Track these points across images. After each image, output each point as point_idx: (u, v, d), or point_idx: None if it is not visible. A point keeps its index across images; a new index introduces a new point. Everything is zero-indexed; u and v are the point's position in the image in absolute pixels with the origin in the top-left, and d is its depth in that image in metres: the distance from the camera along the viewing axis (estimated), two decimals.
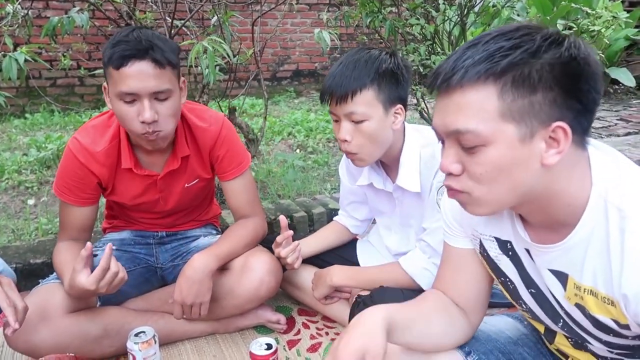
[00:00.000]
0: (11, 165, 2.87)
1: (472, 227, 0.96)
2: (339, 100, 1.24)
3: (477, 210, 0.80)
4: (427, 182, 1.34)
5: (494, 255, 0.93)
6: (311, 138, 3.51)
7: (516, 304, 0.96)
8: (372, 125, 1.24)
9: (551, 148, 0.72)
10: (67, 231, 1.41)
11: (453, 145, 0.77)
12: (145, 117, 1.21)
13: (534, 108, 0.71)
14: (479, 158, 0.74)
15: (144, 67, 1.19)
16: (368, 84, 1.22)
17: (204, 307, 1.33)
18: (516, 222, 0.86)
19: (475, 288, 1.00)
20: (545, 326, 0.95)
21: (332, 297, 1.52)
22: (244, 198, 1.51)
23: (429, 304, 1.01)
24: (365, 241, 1.66)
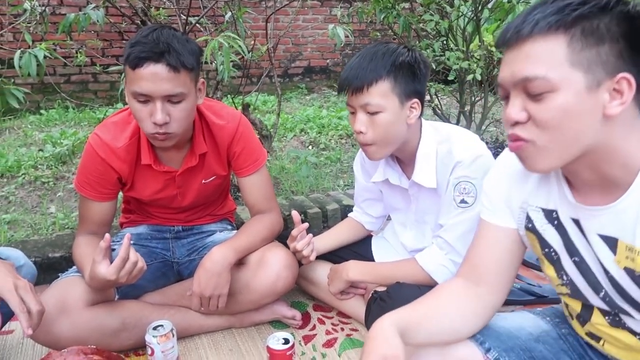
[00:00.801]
0: (27, 160, 2.91)
1: (521, 199, 0.97)
2: (355, 91, 1.25)
3: (539, 163, 0.81)
4: (443, 179, 1.34)
5: (539, 226, 0.95)
6: (323, 135, 3.51)
7: (558, 277, 0.96)
8: (386, 117, 1.25)
9: (614, 99, 0.75)
10: (87, 225, 1.43)
11: (519, 94, 0.79)
12: (157, 119, 1.22)
13: (601, 58, 0.74)
14: (546, 104, 0.76)
15: (158, 70, 1.19)
16: (384, 75, 1.23)
17: (222, 299, 1.34)
18: (563, 186, 0.88)
19: (504, 267, 1.01)
20: (583, 302, 0.94)
21: (347, 292, 1.53)
22: (260, 194, 1.52)
23: (442, 298, 1.02)
24: (380, 237, 1.66)
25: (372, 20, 3.29)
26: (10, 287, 1.05)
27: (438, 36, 2.78)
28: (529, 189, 0.96)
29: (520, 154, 0.83)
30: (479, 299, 1.01)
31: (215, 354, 1.41)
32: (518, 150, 0.82)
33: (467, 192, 1.30)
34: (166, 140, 1.28)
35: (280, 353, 1.17)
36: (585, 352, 1.03)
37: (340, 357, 1.39)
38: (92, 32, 4.03)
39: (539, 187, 0.94)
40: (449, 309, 1.00)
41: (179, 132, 1.29)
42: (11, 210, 2.45)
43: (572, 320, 1.02)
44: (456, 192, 1.31)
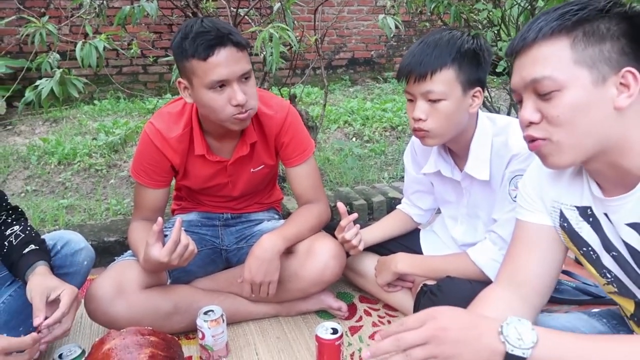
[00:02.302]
0: (82, 148, 3.03)
1: (553, 198, 0.97)
2: (417, 78, 1.22)
3: (558, 159, 0.83)
4: (498, 172, 1.30)
5: (575, 224, 0.94)
6: (367, 127, 3.48)
7: (601, 276, 0.94)
8: (449, 106, 1.22)
9: (622, 93, 0.78)
10: (141, 211, 1.47)
11: (530, 96, 0.83)
12: (239, 100, 1.25)
13: (604, 55, 0.78)
14: (555, 102, 0.80)
15: (229, 53, 1.23)
16: (449, 63, 1.20)
17: (272, 286, 1.35)
18: (591, 183, 0.89)
19: (545, 267, 0.98)
20: (635, 300, 0.91)
21: (395, 285, 1.51)
22: (308, 184, 1.52)
23: (486, 307, 0.98)
24: (429, 231, 1.63)
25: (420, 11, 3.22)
26: (39, 294, 1.14)
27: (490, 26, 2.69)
28: (561, 187, 0.96)
29: (539, 152, 0.85)
30: (523, 302, 0.97)
31: (263, 340, 1.43)
32: (537, 150, 0.85)
33: None
34: (247, 118, 1.31)
35: (329, 342, 1.17)
36: None
37: None
38: (143, 24, 4.14)
39: (571, 185, 0.94)
40: (498, 311, 0.96)
41: (256, 108, 1.32)
42: (68, 195, 2.57)
43: (628, 320, 0.97)
44: (512, 186, 1.27)
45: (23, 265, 1.20)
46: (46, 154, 3.00)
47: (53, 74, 1.77)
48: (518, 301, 0.97)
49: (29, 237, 1.26)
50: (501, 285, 1.02)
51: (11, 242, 1.25)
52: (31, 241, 1.25)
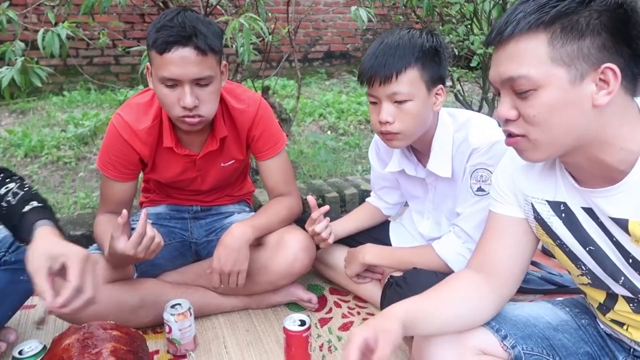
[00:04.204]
0: (50, 141, 2.96)
1: (524, 192, 0.97)
2: (382, 81, 1.20)
3: (534, 155, 0.84)
4: (460, 167, 1.32)
5: (546, 218, 0.95)
6: (342, 120, 3.48)
7: (576, 267, 0.96)
8: (415, 106, 1.22)
9: (601, 89, 0.76)
10: (107, 204, 1.44)
11: (508, 93, 0.82)
12: (186, 103, 1.22)
13: (583, 52, 0.75)
14: (532, 102, 0.79)
15: (186, 54, 1.19)
16: (413, 62, 1.20)
17: (242, 275, 1.34)
18: (568, 177, 0.89)
19: (514, 258, 1.00)
20: (606, 291, 0.93)
21: (364, 277, 1.52)
22: (280, 177, 1.51)
23: (454, 288, 1.01)
24: (398, 223, 1.64)
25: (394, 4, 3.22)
26: (38, 268, 0.93)
27: (462, 20, 2.71)
28: (532, 181, 0.96)
29: (516, 147, 0.85)
30: (491, 289, 0.99)
31: (232, 333, 1.43)
32: (514, 145, 0.85)
33: (484, 180, 1.27)
34: (197, 124, 1.28)
35: (297, 334, 1.18)
36: (605, 343, 1.01)
37: None
38: (114, 14, 4.05)
39: (542, 179, 0.95)
40: (462, 298, 0.99)
41: (209, 115, 1.29)
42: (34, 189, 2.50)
43: (594, 309, 1.00)
44: (473, 179, 1.29)
45: (25, 227, 1.02)
46: (12, 146, 2.92)
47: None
48: (486, 287, 0.99)
49: (29, 195, 1.10)
50: (470, 271, 1.04)
51: (9, 201, 1.08)
52: (32, 199, 1.09)
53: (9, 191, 1.09)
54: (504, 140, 1.25)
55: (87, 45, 4.23)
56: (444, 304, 0.98)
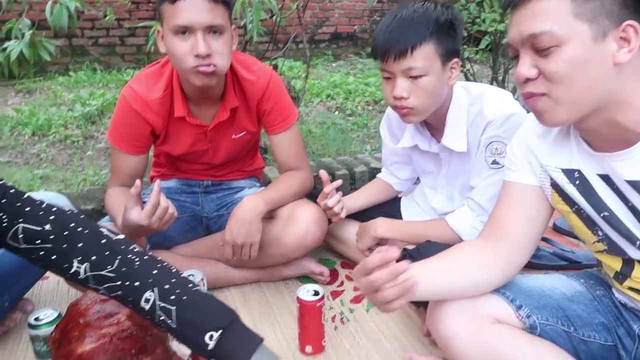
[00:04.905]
0: (58, 120, 2.95)
1: (540, 159, 0.97)
2: (397, 56, 1.18)
3: (555, 116, 0.82)
4: (474, 140, 1.31)
5: (561, 184, 0.95)
6: (350, 101, 3.46)
7: (592, 234, 0.95)
8: (430, 80, 1.20)
9: (622, 47, 0.77)
10: (119, 178, 1.44)
11: (528, 52, 0.82)
12: (200, 51, 1.21)
13: (605, 8, 0.76)
14: (554, 58, 0.78)
15: (198, 1, 1.19)
16: (428, 36, 1.18)
17: (254, 248, 1.34)
18: (583, 144, 0.89)
19: (528, 226, 1.00)
20: (622, 257, 0.93)
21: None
22: (291, 152, 1.50)
23: (465, 253, 1.02)
24: (409, 199, 1.63)
25: None
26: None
27: None
28: (547, 149, 0.97)
29: (537, 108, 0.84)
30: (502, 255, 0.99)
31: (244, 305, 1.43)
32: (535, 105, 0.84)
33: (499, 153, 1.26)
34: (211, 75, 1.26)
35: (310, 304, 1.18)
36: (620, 313, 1.01)
37: (367, 312, 1.40)
38: None
39: (557, 147, 0.95)
40: (472, 263, 0.99)
41: (222, 67, 1.28)
42: (43, 166, 2.50)
43: (610, 279, 1.00)
44: (488, 152, 1.28)
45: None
46: (19, 124, 2.91)
47: None
48: (493, 254, 0.99)
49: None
50: (481, 239, 1.04)
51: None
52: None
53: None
54: (519, 113, 1.26)
55: (93, 25, 4.21)
56: (455, 269, 0.98)
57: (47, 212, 0.84)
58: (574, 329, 1.00)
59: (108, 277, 0.82)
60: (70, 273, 0.83)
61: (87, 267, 0.82)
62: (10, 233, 0.81)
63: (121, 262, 0.82)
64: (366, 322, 1.35)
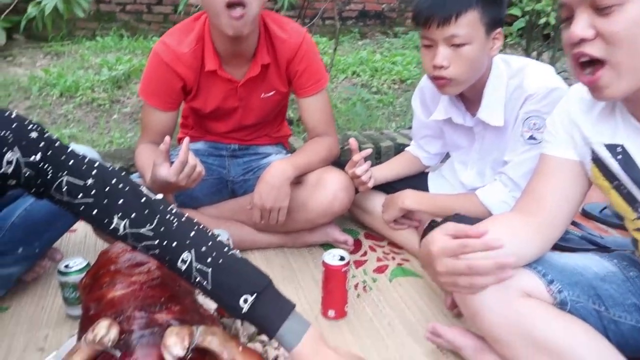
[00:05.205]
0: (85, 82, 2.97)
1: (583, 134, 0.94)
2: (440, 22, 1.15)
3: (616, 88, 0.78)
4: (511, 115, 1.28)
5: (604, 159, 0.92)
6: (376, 78, 3.42)
7: (631, 210, 0.93)
8: (473, 50, 1.17)
9: None
10: (148, 135, 1.45)
11: (586, 10, 0.77)
12: None
13: None
14: (616, 17, 0.74)
15: None
16: (474, 3, 1.15)
17: (282, 212, 1.34)
18: (631, 119, 0.87)
19: (564, 201, 0.98)
20: None
21: (401, 223, 1.51)
22: (320, 117, 1.49)
23: (498, 225, 0.99)
24: (437, 174, 1.61)
25: None
26: None
27: None
28: (591, 123, 0.94)
29: (596, 85, 0.80)
30: (536, 229, 0.97)
31: (267, 268, 1.41)
32: (595, 83, 0.79)
33: (537, 128, 1.23)
34: (240, 18, 1.22)
35: (336, 269, 1.17)
36: None
37: (391, 282, 1.39)
38: None
39: (601, 122, 0.93)
40: (507, 235, 0.96)
41: (252, 15, 1.24)
42: (70, 127, 2.53)
43: None
44: (525, 127, 1.24)
45: None
46: (48, 85, 2.94)
47: None
48: (527, 227, 0.97)
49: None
50: (514, 212, 1.02)
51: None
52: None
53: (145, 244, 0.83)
54: (561, 88, 1.23)
55: None
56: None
57: (90, 167, 0.84)
58: (605, 309, 0.98)
59: (146, 235, 0.82)
60: (110, 229, 0.83)
61: (126, 223, 0.82)
62: (54, 185, 0.81)
63: (160, 222, 0.82)
64: (389, 292, 1.35)
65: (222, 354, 0.81)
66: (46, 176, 0.80)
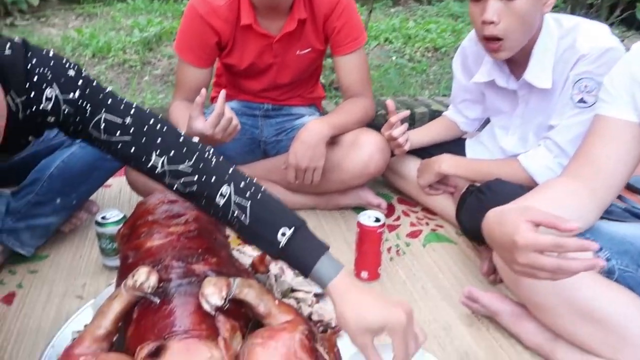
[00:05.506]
0: (117, 43, 2.98)
1: None
2: None
3: None
4: (560, 77, 1.21)
5: None
6: (409, 46, 3.32)
7: None
8: (525, 4, 1.11)
9: None
10: (183, 91, 1.43)
11: None
12: None
13: None
14: None
15: None
16: None
17: (317, 172, 1.32)
18: None
19: (620, 164, 0.92)
20: None
21: (436, 188, 1.47)
22: (357, 76, 1.45)
23: (551, 191, 0.94)
24: (475, 140, 1.56)
25: None
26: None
27: None
28: None
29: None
30: (591, 196, 0.92)
31: None
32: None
33: (588, 91, 1.16)
34: None
35: (371, 229, 1.15)
36: None
37: (424, 248, 1.37)
38: None
39: None
40: (567, 201, 0.92)
41: None
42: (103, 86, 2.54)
43: None
44: (575, 89, 1.18)
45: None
46: (80, 45, 2.96)
47: None
48: (585, 191, 0.92)
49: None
50: (568, 176, 0.97)
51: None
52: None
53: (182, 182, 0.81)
54: (617, 48, 1.15)
55: None
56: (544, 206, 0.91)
57: (128, 107, 0.84)
58: None
59: (185, 172, 0.81)
60: (148, 167, 0.82)
61: (165, 160, 0.81)
62: (92, 122, 0.81)
63: (198, 158, 0.82)
64: (422, 257, 1.33)
65: (259, 307, 0.80)
66: (84, 114, 0.80)
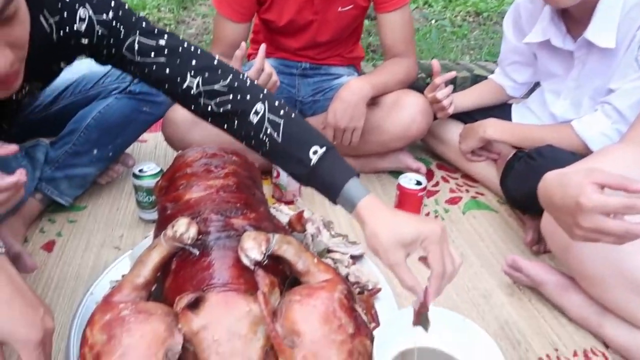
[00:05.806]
0: (151, 1, 2.94)
1: None
2: None
3: None
4: (625, 37, 1.12)
5: None
6: (449, 10, 3.18)
7: None
8: None
9: None
10: (220, 46, 1.40)
11: None
12: None
13: None
14: None
15: None
16: None
17: (357, 133, 1.28)
18: None
19: None
20: None
21: (479, 154, 1.41)
22: (401, 35, 1.38)
23: (614, 163, 0.85)
24: (522, 106, 1.48)
25: None
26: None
27: None
28: None
29: None
30: None
31: None
32: None
33: None
34: None
35: (412, 192, 1.12)
36: None
37: (464, 215, 1.32)
38: None
39: None
40: (619, 168, 0.85)
41: None
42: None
43: None
44: None
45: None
46: None
47: None
48: None
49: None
50: (627, 143, 0.90)
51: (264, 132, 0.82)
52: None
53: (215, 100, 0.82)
54: None
55: None
56: None
57: (161, 31, 0.84)
58: None
59: (220, 91, 0.82)
60: (182, 88, 0.83)
61: (200, 81, 0.82)
62: (126, 44, 0.81)
63: (233, 79, 0.82)
64: (462, 223, 1.28)
65: (297, 264, 0.78)
66: (118, 35, 0.80)
